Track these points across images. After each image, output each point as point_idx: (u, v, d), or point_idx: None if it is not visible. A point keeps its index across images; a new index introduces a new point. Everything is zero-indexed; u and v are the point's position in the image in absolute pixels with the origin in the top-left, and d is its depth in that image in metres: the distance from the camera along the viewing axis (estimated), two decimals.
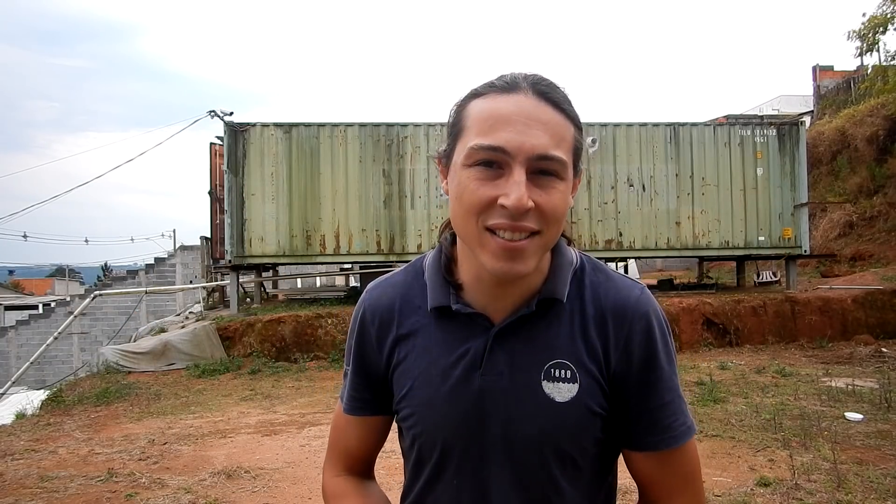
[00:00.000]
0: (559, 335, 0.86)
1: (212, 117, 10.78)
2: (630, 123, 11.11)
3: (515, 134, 0.75)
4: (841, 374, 7.30)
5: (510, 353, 0.86)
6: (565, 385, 0.84)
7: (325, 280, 18.03)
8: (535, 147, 0.75)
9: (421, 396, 0.89)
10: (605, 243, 10.90)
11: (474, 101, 0.80)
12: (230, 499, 3.92)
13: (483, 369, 0.85)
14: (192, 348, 9.20)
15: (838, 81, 20.78)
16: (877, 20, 15.09)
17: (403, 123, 10.73)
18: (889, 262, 12.98)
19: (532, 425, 0.84)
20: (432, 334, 0.90)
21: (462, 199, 0.78)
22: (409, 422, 0.90)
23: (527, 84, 0.79)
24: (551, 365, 0.85)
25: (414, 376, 0.89)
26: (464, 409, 0.86)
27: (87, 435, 5.81)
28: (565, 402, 0.84)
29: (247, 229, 10.42)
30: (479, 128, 0.77)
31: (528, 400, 0.84)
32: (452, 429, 0.87)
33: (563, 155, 0.77)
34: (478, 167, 0.77)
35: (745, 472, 4.07)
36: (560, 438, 0.84)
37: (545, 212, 0.76)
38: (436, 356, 0.88)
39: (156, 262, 19.97)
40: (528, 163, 0.75)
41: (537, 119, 0.76)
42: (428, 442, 0.89)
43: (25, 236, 27.27)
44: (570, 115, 0.80)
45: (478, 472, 0.87)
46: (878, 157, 15.47)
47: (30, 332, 19.08)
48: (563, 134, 0.78)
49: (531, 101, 0.77)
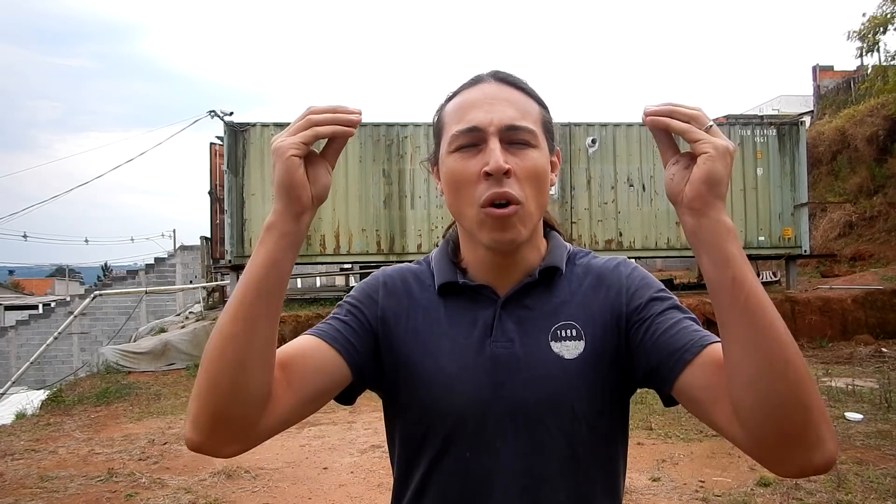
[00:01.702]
0: (562, 300, 0.91)
1: (212, 117, 10.79)
2: (630, 123, 11.10)
3: (484, 113, 0.84)
4: (841, 374, 7.30)
5: (518, 321, 0.89)
6: (572, 343, 0.87)
7: (325, 280, 18.03)
8: (503, 118, 0.84)
9: (431, 368, 0.88)
10: (605, 243, 10.90)
11: (449, 103, 0.91)
12: (230, 499, 3.92)
13: (493, 337, 0.88)
14: (192, 348, 9.19)
15: (838, 81, 20.78)
16: (877, 20, 15.09)
17: (403, 123, 10.73)
18: (889, 262, 12.98)
19: (545, 386, 0.86)
20: (440, 310, 0.93)
21: (452, 181, 0.86)
22: (418, 396, 0.89)
23: (488, 75, 0.90)
24: (558, 326, 0.89)
25: (422, 349, 0.90)
26: (477, 377, 0.87)
27: (87, 435, 5.81)
28: (574, 359, 0.86)
29: (247, 229, 10.42)
30: (454, 119, 0.87)
31: (538, 362, 0.87)
32: (466, 398, 0.87)
33: (530, 125, 0.85)
34: (460, 151, 0.85)
35: (745, 472, 4.07)
36: (572, 397, 0.86)
37: (523, 174, 0.83)
38: (445, 328, 0.91)
39: (156, 262, 19.97)
40: (500, 133, 0.83)
41: (501, 98, 0.86)
42: (439, 415, 0.88)
43: (25, 236, 27.30)
44: (531, 93, 0.90)
45: (492, 442, 0.86)
46: (878, 157, 15.47)
47: (30, 332, 19.08)
48: (526, 108, 0.87)
49: (493, 85, 0.88)
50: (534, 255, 0.93)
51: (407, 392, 0.90)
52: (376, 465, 4.42)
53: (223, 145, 10.70)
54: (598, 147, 10.98)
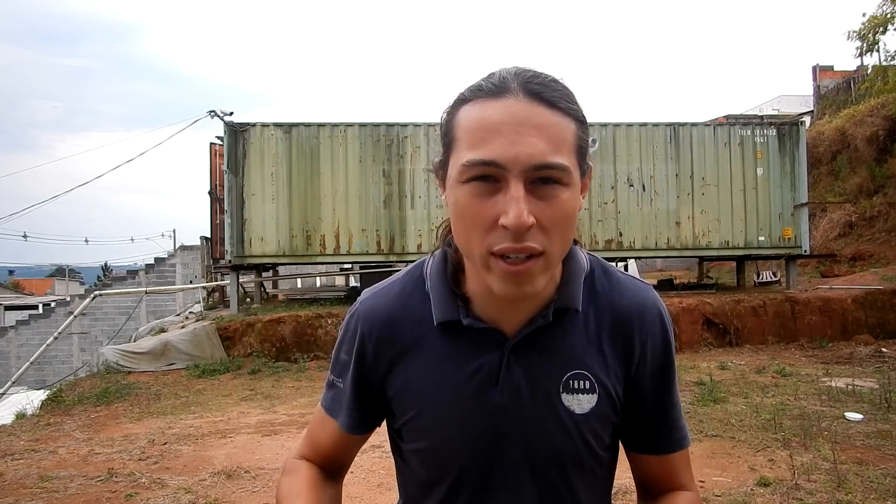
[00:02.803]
0: (576, 344, 0.83)
1: (212, 117, 10.78)
2: (630, 123, 11.11)
3: (508, 145, 0.68)
4: (841, 374, 7.30)
5: (527, 367, 0.82)
6: (585, 396, 0.82)
7: (325, 280, 18.03)
8: (532, 156, 0.68)
9: (432, 418, 0.83)
10: (605, 243, 10.90)
11: (463, 109, 0.74)
12: (230, 499, 3.92)
13: (500, 386, 0.81)
14: (192, 348, 9.20)
15: (838, 81, 20.79)
16: (877, 20, 15.09)
17: (403, 123, 10.73)
18: (889, 262, 12.98)
19: (555, 441, 0.81)
20: (439, 350, 0.83)
21: (463, 220, 0.72)
22: (418, 444, 0.85)
23: (517, 84, 0.71)
24: (570, 376, 0.82)
25: (421, 396, 0.84)
26: (481, 429, 0.82)
27: (87, 435, 5.81)
28: (585, 413, 0.82)
29: (247, 229, 10.42)
30: (470, 140, 0.71)
31: (548, 415, 0.81)
32: (469, 450, 0.82)
33: (563, 160, 0.70)
34: (473, 183, 0.70)
35: (745, 472, 4.07)
36: (580, 450, 0.82)
37: (548, 226, 0.70)
38: (446, 374, 0.83)
39: (156, 262, 19.98)
40: (526, 174, 0.69)
41: (531, 124, 0.69)
42: (441, 465, 0.84)
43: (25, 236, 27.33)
44: (569, 111, 0.72)
45: (498, 494, 0.84)
46: (878, 157, 15.47)
47: (30, 332, 19.09)
48: (562, 136, 0.71)
49: (522, 104, 0.70)
50: (548, 288, 0.80)
51: (411, 439, 0.86)
52: (376, 465, 4.42)
53: (223, 145, 10.70)
54: (598, 147, 10.97)
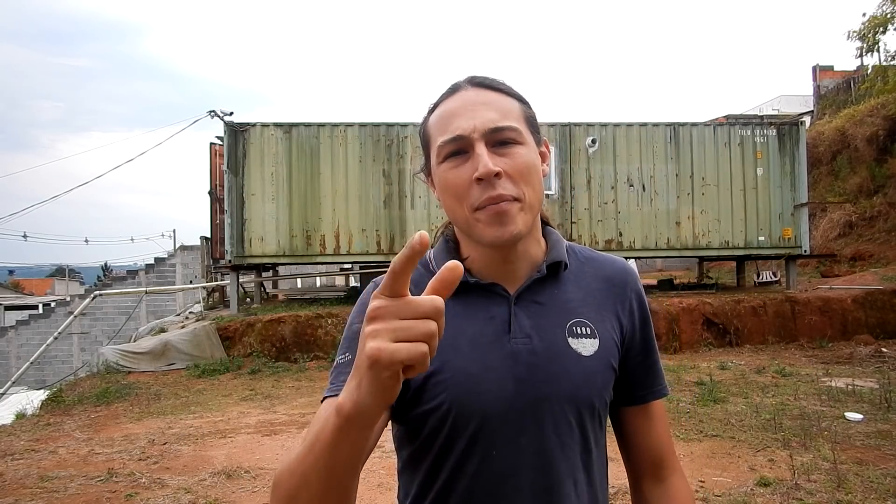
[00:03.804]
0: (571, 297, 0.93)
1: (212, 117, 10.78)
2: (630, 123, 11.11)
3: (466, 119, 0.86)
4: (841, 374, 7.30)
5: (533, 317, 0.90)
6: (588, 340, 0.90)
7: (325, 280, 18.03)
8: (486, 122, 0.85)
9: (453, 369, 0.86)
10: (605, 243, 10.90)
11: (432, 114, 0.92)
12: (230, 499, 3.92)
13: (512, 333, 0.89)
14: (192, 348, 9.20)
15: (838, 81, 20.79)
16: (877, 20, 15.10)
17: (403, 123, 10.74)
18: (889, 262, 12.98)
19: (567, 382, 0.88)
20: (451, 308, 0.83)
21: (447, 190, 0.87)
22: (438, 400, 0.86)
23: (465, 82, 0.91)
24: (573, 323, 0.91)
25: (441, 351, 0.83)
26: (500, 374, 0.87)
27: (87, 435, 5.81)
28: (590, 356, 0.90)
29: (247, 229, 10.42)
30: (438, 129, 0.89)
31: (559, 358, 0.88)
32: (491, 396, 0.86)
33: (512, 123, 0.86)
34: (448, 160, 0.87)
35: (745, 472, 4.07)
36: (591, 392, 0.89)
37: (514, 172, 0.85)
38: (461, 327, 0.89)
39: (156, 262, 19.97)
40: (485, 137, 0.85)
41: (480, 101, 0.87)
42: (462, 417, 0.86)
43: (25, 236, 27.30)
44: (509, 92, 0.91)
45: (517, 439, 0.86)
46: (878, 157, 15.47)
47: (30, 332, 19.08)
48: (507, 107, 0.88)
49: (471, 91, 0.89)
50: (536, 250, 0.94)
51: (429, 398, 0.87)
52: (376, 465, 4.42)
53: (223, 145, 10.70)
54: (598, 147, 10.98)
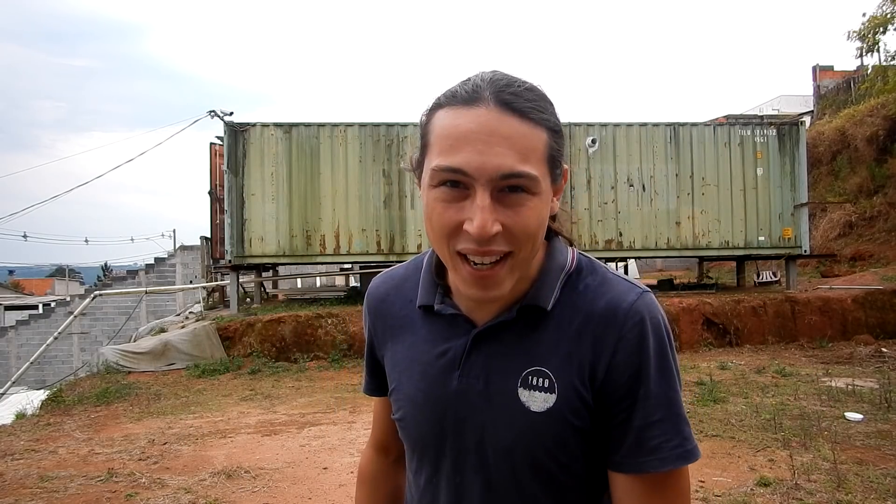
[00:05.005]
0: (540, 343, 0.81)
1: (212, 117, 10.78)
2: (630, 123, 11.11)
3: (476, 154, 0.70)
4: (841, 374, 7.30)
5: (488, 357, 0.83)
6: (541, 394, 0.79)
7: (325, 280, 18.04)
8: (499, 167, 0.70)
9: (405, 390, 0.90)
10: (605, 243, 10.90)
11: (438, 113, 0.76)
12: (230, 499, 3.92)
13: (461, 370, 0.84)
14: (192, 348, 9.19)
15: (838, 81, 20.79)
16: (877, 20, 15.09)
17: (403, 123, 10.74)
18: (889, 262, 12.98)
19: (505, 433, 0.81)
20: (418, 330, 0.90)
21: (431, 223, 0.76)
22: (397, 414, 0.92)
23: (489, 93, 0.72)
24: (529, 372, 0.81)
25: (401, 369, 0.91)
26: (440, 409, 0.85)
27: (87, 435, 5.81)
28: (541, 413, 0.79)
29: (247, 229, 10.42)
30: (440, 147, 0.73)
31: (502, 407, 0.81)
32: (429, 428, 0.87)
33: (531, 170, 0.71)
34: (442, 188, 0.73)
35: (745, 472, 4.07)
36: (534, 450, 0.80)
37: (515, 233, 0.72)
38: (419, 353, 0.89)
39: (156, 262, 19.98)
40: (492, 183, 0.71)
41: (500, 134, 0.71)
42: (410, 437, 0.91)
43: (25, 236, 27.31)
44: (540, 121, 0.74)
45: (452, 476, 0.86)
46: (878, 157, 15.46)
47: (30, 332, 19.08)
48: (531, 145, 0.72)
49: (493, 114, 0.71)
50: (521, 283, 0.82)
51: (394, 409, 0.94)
52: None
53: (223, 145, 10.70)
54: (598, 147, 10.98)
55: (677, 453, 0.77)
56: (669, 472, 0.77)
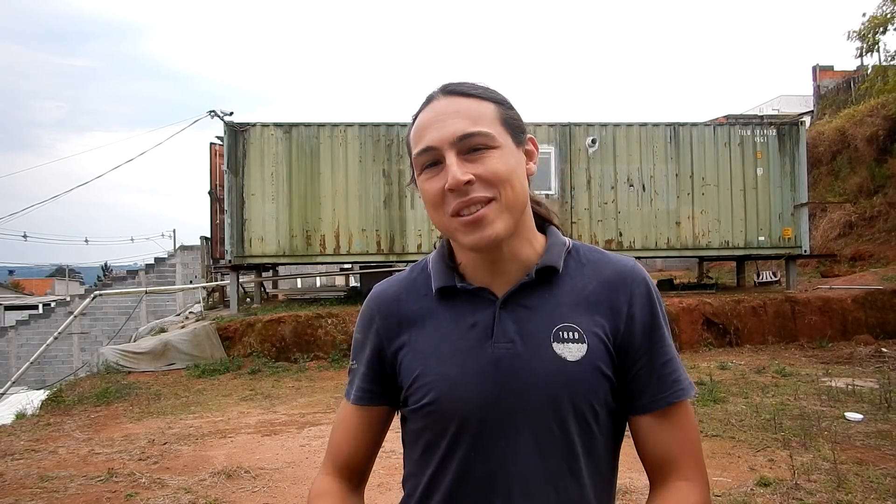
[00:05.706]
0: (562, 302, 0.91)
1: (212, 117, 10.78)
2: (630, 123, 11.11)
3: (436, 130, 0.86)
4: (841, 374, 7.30)
5: (518, 321, 0.90)
6: (575, 345, 0.88)
7: (325, 280, 18.04)
8: (455, 131, 0.85)
9: (435, 372, 0.90)
10: (605, 243, 10.89)
11: (412, 127, 0.93)
12: (230, 499, 3.92)
13: (494, 338, 0.89)
14: (192, 348, 9.19)
15: (838, 81, 20.78)
16: (877, 20, 15.09)
17: (403, 123, 10.73)
18: (889, 262, 12.97)
19: (548, 386, 0.87)
20: (440, 315, 0.94)
21: (426, 201, 0.90)
22: (423, 401, 0.91)
23: (438, 91, 0.91)
24: (559, 328, 0.89)
25: (425, 355, 0.92)
26: (479, 380, 0.88)
27: (87, 435, 5.81)
28: (576, 361, 0.87)
29: (247, 229, 10.42)
30: (413, 142, 0.91)
31: (541, 363, 0.88)
32: (469, 401, 0.88)
33: (484, 128, 0.86)
34: (425, 171, 0.89)
35: (745, 472, 4.07)
36: (574, 396, 0.87)
37: (487, 177, 0.84)
38: (445, 332, 0.92)
39: (156, 262, 19.98)
40: (455, 146, 0.85)
41: (451, 111, 0.87)
42: (443, 419, 0.90)
43: (25, 236, 27.33)
44: (483, 96, 0.89)
45: (496, 444, 0.88)
46: (878, 157, 15.46)
47: (30, 332, 19.09)
48: (479, 112, 0.87)
49: (443, 101, 0.89)
50: (528, 251, 0.93)
51: (415, 400, 0.93)
52: (376, 465, 4.41)
53: (223, 145, 10.70)
54: (598, 147, 10.98)
55: (689, 383, 0.93)
56: (682, 402, 0.91)
